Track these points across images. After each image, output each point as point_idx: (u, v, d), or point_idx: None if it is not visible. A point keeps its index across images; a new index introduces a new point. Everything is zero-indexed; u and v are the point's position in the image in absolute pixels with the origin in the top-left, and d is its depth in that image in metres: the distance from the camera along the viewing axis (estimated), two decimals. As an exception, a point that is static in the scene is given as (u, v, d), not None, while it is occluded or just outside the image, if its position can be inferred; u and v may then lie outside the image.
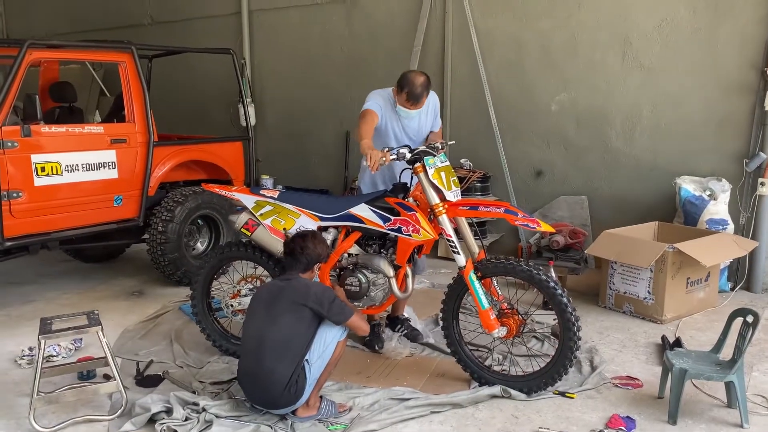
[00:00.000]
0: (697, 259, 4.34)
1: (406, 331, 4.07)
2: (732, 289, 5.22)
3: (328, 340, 3.13)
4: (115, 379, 3.23)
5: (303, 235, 3.25)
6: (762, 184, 5.07)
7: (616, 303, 4.79)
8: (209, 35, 7.99)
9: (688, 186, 5.16)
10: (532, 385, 3.37)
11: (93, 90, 8.58)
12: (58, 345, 3.95)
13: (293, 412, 3.16)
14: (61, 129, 4.72)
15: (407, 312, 4.29)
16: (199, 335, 4.16)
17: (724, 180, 5.13)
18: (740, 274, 5.27)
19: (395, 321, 4.17)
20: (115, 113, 5.58)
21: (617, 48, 5.65)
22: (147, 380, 3.62)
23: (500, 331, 3.36)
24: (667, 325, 4.50)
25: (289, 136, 7.85)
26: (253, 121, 7.21)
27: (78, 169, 4.76)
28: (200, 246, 5.73)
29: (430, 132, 4.02)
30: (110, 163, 4.97)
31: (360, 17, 7.04)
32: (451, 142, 3.77)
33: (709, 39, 5.24)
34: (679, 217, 5.28)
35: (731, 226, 5.08)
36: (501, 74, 6.22)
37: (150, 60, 6.51)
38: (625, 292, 4.72)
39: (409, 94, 3.67)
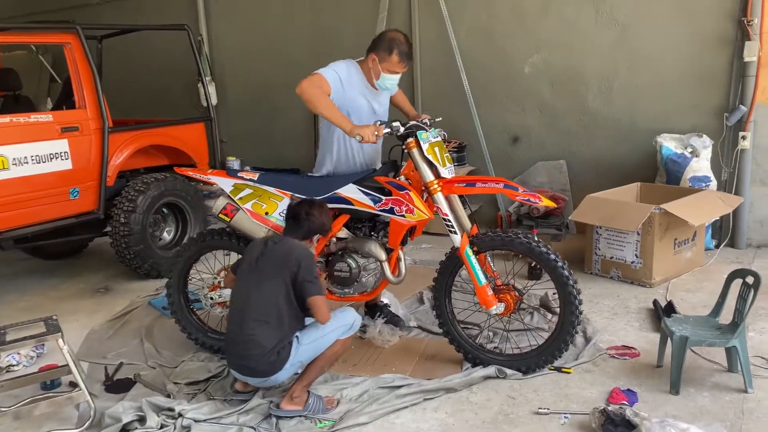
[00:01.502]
0: (686, 219, 4.22)
1: (386, 318, 3.86)
2: (717, 247, 5.14)
3: (327, 330, 2.94)
4: (80, 389, 2.98)
5: (310, 202, 3.12)
6: (743, 137, 4.96)
7: (602, 269, 4.66)
8: (163, 12, 7.57)
9: (669, 144, 5.02)
10: (530, 363, 3.21)
11: (43, 76, 8.13)
12: (18, 353, 3.66)
13: (277, 405, 2.98)
14: (5, 119, 4.36)
15: (387, 297, 4.07)
16: (171, 331, 3.91)
17: (705, 136, 5.00)
18: (724, 230, 5.18)
19: (374, 308, 3.94)
20: (64, 100, 5.20)
21: (590, 5, 5.45)
22: (117, 385, 3.37)
23: (498, 308, 3.19)
24: (656, 288, 4.39)
25: (255, 115, 7.53)
26: (214, 100, 6.89)
27: (27, 162, 4.42)
28: (167, 236, 5.43)
29: (391, 99, 3.73)
30: (62, 154, 4.63)
31: (321, -15, 6.72)
32: (439, 119, 3.52)
33: (684, -10, 5.07)
34: (661, 176, 5.15)
35: (714, 183, 4.97)
36: (471, 38, 5.98)
37: (100, 41, 6.10)
38: (611, 257, 4.59)
39: (401, 53, 3.30)
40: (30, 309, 4.58)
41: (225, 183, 3.50)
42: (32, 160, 4.45)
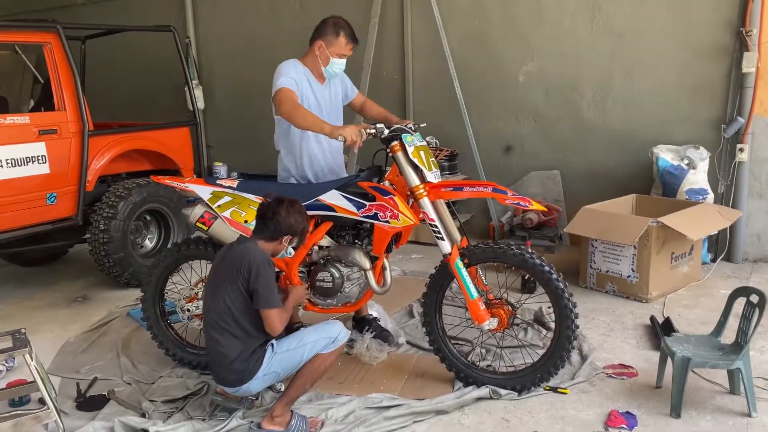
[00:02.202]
0: (684, 233, 4.10)
1: (375, 333, 3.70)
2: (713, 261, 5.03)
3: (306, 340, 2.79)
4: (48, 407, 2.80)
5: (280, 200, 2.83)
6: (741, 150, 4.87)
7: (597, 283, 4.54)
8: (150, 14, 7.40)
9: (666, 156, 4.91)
10: (525, 381, 3.06)
11: (26, 78, 7.92)
12: (-14, 367, 3.48)
13: (258, 426, 2.82)
14: (-22, 121, 4.19)
15: (376, 310, 3.92)
16: (149, 344, 3.74)
17: (702, 148, 4.90)
18: (720, 244, 5.08)
19: (362, 322, 3.79)
20: (43, 101, 5.02)
21: (586, 12, 5.35)
22: (89, 403, 3.19)
23: (491, 323, 3.04)
24: (652, 303, 4.26)
25: (242, 120, 7.35)
26: (200, 104, 6.74)
27: (2, 166, 4.24)
28: (149, 243, 5.26)
29: (350, 102, 3.70)
30: (39, 157, 4.45)
31: (311, -12, 6.58)
32: (423, 125, 3.40)
33: (681, -1, 4.98)
34: (657, 188, 5.05)
35: (711, 196, 4.87)
36: (465, 45, 5.86)
37: (83, 41, 5.94)
38: (607, 271, 4.46)
39: (347, 35, 3.39)
40: (2, 319, 4.38)
41: (203, 191, 3.36)
42: (7, 163, 4.27)
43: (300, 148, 3.48)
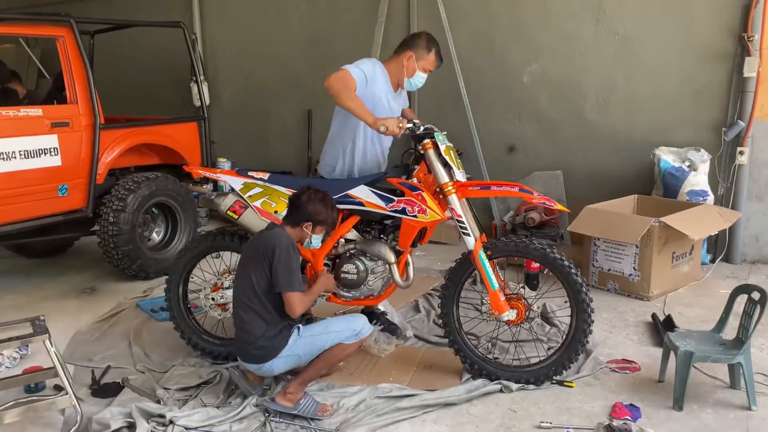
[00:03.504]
0: (685, 233, 4.19)
1: (383, 326, 3.79)
2: (712, 261, 5.12)
3: (332, 329, 2.93)
4: (67, 392, 2.85)
5: (308, 188, 3.01)
6: (741, 153, 4.96)
7: (599, 281, 4.62)
8: (156, 10, 7.46)
9: (668, 157, 5.00)
10: (540, 374, 3.15)
11: (30, 71, 7.97)
12: (1, 354, 3.53)
13: (273, 399, 2.95)
14: (-7, 112, 4.24)
15: (383, 305, 4.00)
16: (160, 334, 3.81)
17: (702, 150, 4.99)
18: (719, 245, 5.17)
19: (371, 315, 3.84)
20: (55, 94, 5.07)
21: (590, 16, 5.43)
22: (104, 390, 3.25)
23: (510, 314, 3.14)
24: (653, 301, 4.35)
25: (247, 116, 7.42)
26: (207, 100, 6.77)
27: (15, 157, 4.29)
28: (156, 236, 5.32)
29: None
30: (52, 149, 4.51)
31: (319, -13, 6.66)
32: (444, 133, 3.48)
33: (684, 4, 5.06)
34: (658, 189, 5.14)
35: (711, 197, 4.96)
36: (470, 46, 5.93)
37: (92, 36, 5.99)
38: (609, 270, 4.55)
39: (438, 53, 3.46)
40: (13, 308, 4.43)
41: (235, 181, 3.45)
42: (20, 155, 4.33)
43: (353, 142, 3.49)
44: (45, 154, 4.47)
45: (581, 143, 5.66)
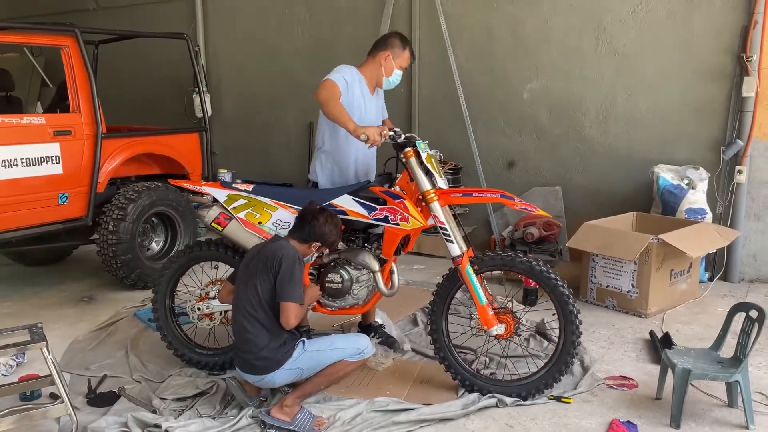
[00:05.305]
0: (684, 251, 4.20)
1: (380, 339, 3.79)
2: (710, 279, 5.13)
3: (337, 345, 2.94)
4: (62, 401, 2.85)
5: (322, 208, 3.09)
6: (739, 172, 4.98)
7: (597, 297, 4.63)
8: (158, 21, 7.52)
9: (666, 175, 5.02)
10: (530, 388, 3.14)
11: (33, 80, 7.99)
12: (-3, 361, 3.53)
13: (268, 412, 2.93)
14: (-4, 120, 4.26)
15: (381, 317, 4.00)
16: (157, 344, 3.79)
17: (701, 168, 5.01)
18: (718, 263, 5.18)
19: (368, 329, 3.86)
20: (58, 103, 5.10)
21: (591, 33, 5.48)
22: (100, 399, 3.24)
23: (498, 329, 3.13)
24: (651, 318, 4.35)
25: (248, 128, 7.45)
26: (209, 111, 6.81)
27: (17, 165, 4.31)
28: (155, 246, 5.33)
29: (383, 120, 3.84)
30: (54, 158, 4.53)
31: (321, 0, 6.70)
32: (426, 142, 3.52)
33: (684, 24, 5.11)
34: (657, 206, 5.15)
35: (709, 216, 4.98)
36: (471, 61, 5.98)
37: (96, 46, 6.03)
38: (607, 286, 4.55)
39: (411, 50, 3.65)
40: (11, 316, 4.44)
41: (219, 193, 3.46)
42: (22, 162, 4.35)
43: (346, 149, 3.58)
44: (47, 162, 4.49)
45: (581, 159, 5.69)
